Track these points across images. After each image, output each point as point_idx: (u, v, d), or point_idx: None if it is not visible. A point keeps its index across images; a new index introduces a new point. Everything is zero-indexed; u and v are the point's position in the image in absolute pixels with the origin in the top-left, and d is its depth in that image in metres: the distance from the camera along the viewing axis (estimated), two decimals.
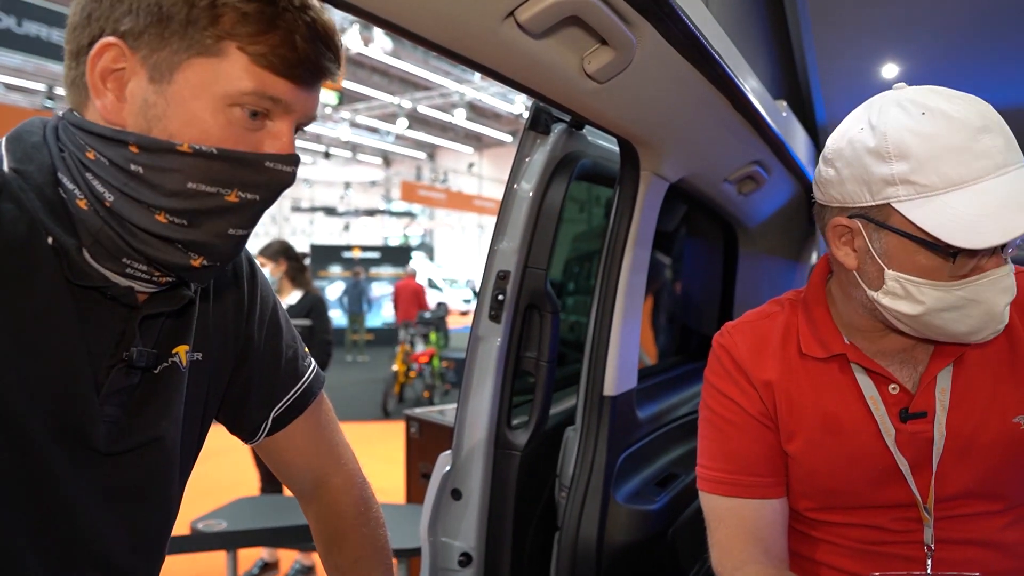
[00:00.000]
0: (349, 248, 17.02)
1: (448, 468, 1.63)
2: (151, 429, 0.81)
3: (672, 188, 1.82)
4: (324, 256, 16.61)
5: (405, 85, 19.23)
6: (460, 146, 27.04)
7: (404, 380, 9.23)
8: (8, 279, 0.69)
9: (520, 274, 1.63)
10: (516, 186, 1.64)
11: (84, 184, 0.72)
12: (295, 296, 4.34)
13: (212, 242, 0.74)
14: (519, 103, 18.09)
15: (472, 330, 1.65)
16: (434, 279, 23.03)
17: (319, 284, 12.04)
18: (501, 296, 1.61)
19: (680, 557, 1.95)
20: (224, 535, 3.10)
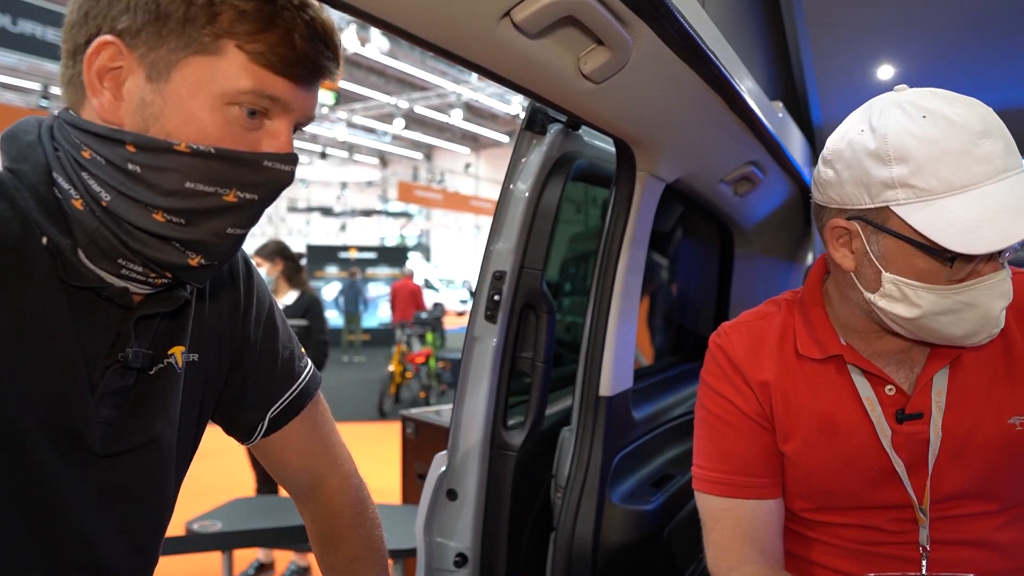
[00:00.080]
0: (345, 248, 17.01)
1: (444, 468, 1.63)
2: (146, 430, 0.81)
3: (668, 189, 1.82)
4: (320, 256, 16.61)
5: (402, 85, 19.21)
6: (457, 146, 27.02)
7: (400, 380, 9.22)
8: (2, 279, 0.68)
9: (516, 274, 1.63)
10: (512, 186, 1.64)
11: (80, 183, 0.71)
12: (291, 296, 4.33)
13: (210, 241, 0.74)
14: (516, 103, 18.08)
15: (468, 330, 1.64)
16: (430, 279, 23.01)
17: (315, 284, 12.01)
18: (497, 296, 1.61)
19: (676, 557, 1.95)
20: (220, 536, 3.09)
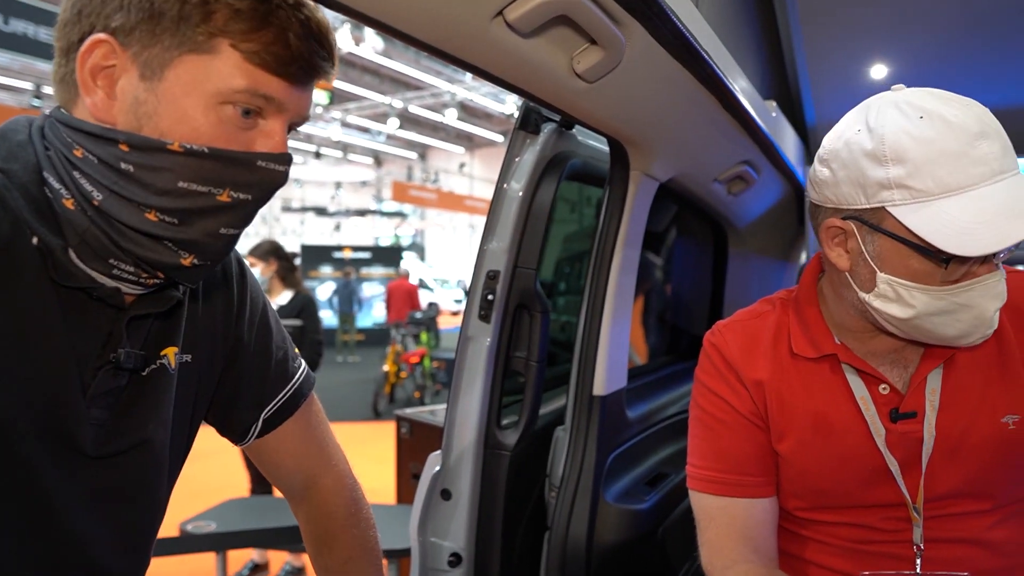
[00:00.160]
0: (340, 248, 16.98)
1: (438, 468, 1.63)
2: (139, 432, 0.81)
3: (662, 188, 1.82)
4: (314, 256, 16.58)
5: (396, 85, 19.22)
6: (451, 146, 27.03)
7: (395, 380, 9.21)
8: None
9: (510, 274, 1.62)
10: (506, 186, 1.63)
11: (71, 183, 0.71)
12: (285, 296, 4.32)
13: (203, 241, 0.73)
14: (510, 103, 18.07)
15: (462, 330, 1.64)
16: (425, 279, 23.00)
17: (309, 284, 11.98)
18: (491, 296, 1.61)
19: (670, 556, 1.95)
20: (213, 536, 3.09)
